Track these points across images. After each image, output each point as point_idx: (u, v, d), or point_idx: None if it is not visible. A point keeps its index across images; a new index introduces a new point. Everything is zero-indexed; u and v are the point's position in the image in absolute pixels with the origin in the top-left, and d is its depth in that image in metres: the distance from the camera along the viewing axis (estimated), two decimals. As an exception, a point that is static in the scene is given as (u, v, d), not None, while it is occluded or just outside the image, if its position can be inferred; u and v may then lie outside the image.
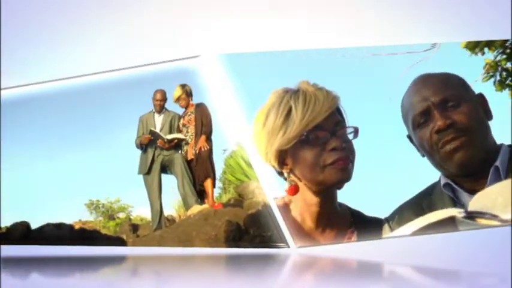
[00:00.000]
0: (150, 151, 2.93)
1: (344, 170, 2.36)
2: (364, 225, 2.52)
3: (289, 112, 2.36)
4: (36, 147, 3.00)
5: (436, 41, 2.47)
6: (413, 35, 2.70)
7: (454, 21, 2.75)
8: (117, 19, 3.08)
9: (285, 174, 2.47)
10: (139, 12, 3.12)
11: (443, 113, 2.32)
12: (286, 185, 2.55)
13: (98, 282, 2.19)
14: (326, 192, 2.44)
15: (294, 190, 2.50)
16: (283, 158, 2.42)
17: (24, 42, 3.10)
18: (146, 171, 2.90)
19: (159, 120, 2.96)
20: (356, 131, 2.40)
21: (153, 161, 2.91)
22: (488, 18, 2.71)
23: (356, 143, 2.42)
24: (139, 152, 2.95)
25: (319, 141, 2.36)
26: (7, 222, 2.95)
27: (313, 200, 2.45)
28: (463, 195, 2.36)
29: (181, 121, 2.97)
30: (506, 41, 2.45)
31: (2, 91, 2.96)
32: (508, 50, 2.48)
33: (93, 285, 2.09)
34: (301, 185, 2.46)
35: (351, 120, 2.46)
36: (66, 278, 2.31)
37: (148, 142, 2.90)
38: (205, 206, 2.82)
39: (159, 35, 3.05)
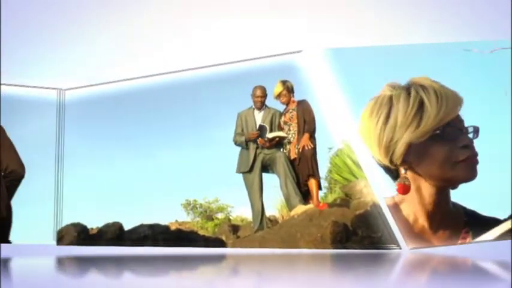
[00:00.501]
0: (252, 148, 3.00)
1: (474, 168, 2.43)
2: (479, 226, 2.56)
3: (420, 106, 2.44)
4: (128, 145, 3.10)
5: (436, 41, 2.58)
6: (414, 35, 2.80)
7: (454, 21, 2.85)
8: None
9: (402, 172, 2.53)
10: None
11: None
12: (395, 185, 2.61)
13: (198, 281, 2.23)
14: (444, 191, 2.49)
15: (405, 189, 2.55)
16: (407, 154, 2.49)
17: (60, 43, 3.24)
18: (248, 169, 2.96)
19: (259, 117, 3.03)
20: (476, 131, 2.47)
21: (254, 159, 2.98)
22: (488, 18, 2.80)
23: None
24: (236, 149, 3.03)
25: (451, 137, 2.44)
26: (100, 222, 3.06)
27: (430, 198, 2.49)
28: None
29: (283, 118, 3.03)
30: None
31: (95, 87, 3.09)
32: None
33: (194, 284, 2.13)
34: (417, 183, 2.51)
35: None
36: (164, 277, 2.36)
37: (255, 138, 2.97)
38: (310, 206, 2.87)
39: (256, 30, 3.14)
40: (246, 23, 2.99)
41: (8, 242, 2.92)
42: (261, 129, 2.89)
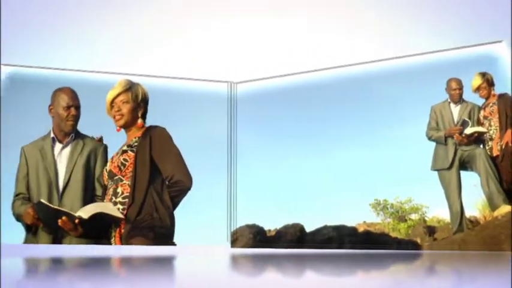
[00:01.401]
0: (451, 144, 2.87)
1: None
2: None
3: None
4: (305, 142, 3.07)
5: (436, 40, 2.51)
6: (414, 35, 2.79)
7: (454, 21, 2.80)
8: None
9: None
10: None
11: None
12: None
13: (385, 280, 2.13)
14: None
15: None
16: None
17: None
18: (448, 166, 2.84)
19: (455, 111, 2.90)
20: None
21: (454, 155, 2.84)
22: (488, 18, 2.75)
23: None
24: (426, 145, 2.91)
25: None
26: (277, 224, 3.04)
27: None
28: None
29: (482, 113, 2.88)
30: None
31: (266, 81, 3.09)
32: None
33: (381, 283, 2.04)
34: None
35: None
36: (350, 277, 2.27)
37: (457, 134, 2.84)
38: (517, 206, 2.68)
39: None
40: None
41: (173, 244, 2.97)
42: (463, 124, 2.75)
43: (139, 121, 3.04)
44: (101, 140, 3.14)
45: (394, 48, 2.73)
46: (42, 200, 2.92)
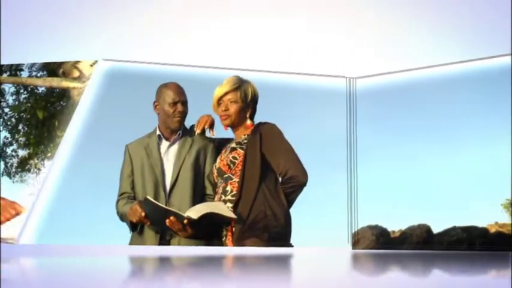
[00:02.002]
0: None
1: None
2: None
3: None
4: (430, 140, 2.95)
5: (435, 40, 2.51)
6: (414, 35, 2.79)
7: (454, 21, 2.81)
8: None
9: None
10: None
11: None
12: None
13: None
14: None
15: None
16: None
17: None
18: None
19: None
20: None
21: None
22: (488, 18, 2.76)
23: None
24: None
25: None
26: (402, 225, 2.92)
27: None
28: None
29: None
30: None
31: (386, 76, 2.99)
32: None
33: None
34: None
35: None
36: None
37: None
38: None
39: None
40: None
41: (290, 245, 2.87)
42: None
43: (248, 122, 2.95)
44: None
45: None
46: (149, 197, 2.84)
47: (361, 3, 3.01)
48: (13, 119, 3.17)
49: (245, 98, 2.94)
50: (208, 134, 2.99)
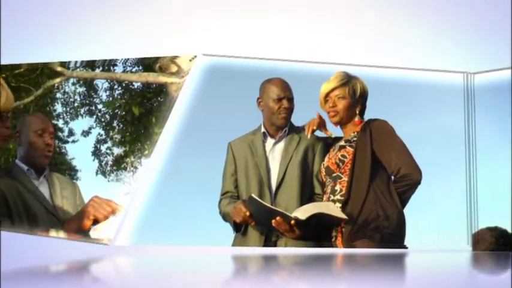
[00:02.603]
0: None
1: None
2: None
3: None
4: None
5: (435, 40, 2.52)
6: (414, 35, 2.79)
7: (454, 21, 2.81)
8: None
9: None
10: None
11: None
12: None
13: None
14: None
15: None
16: None
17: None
18: None
19: None
20: None
21: None
22: (488, 18, 2.76)
23: None
24: None
25: None
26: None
27: None
28: None
29: None
30: None
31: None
32: None
33: None
34: None
35: None
36: None
37: None
38: None
39: None
40: None
41: (404, 247, 2.79)
42: None
43: (357, 118, 2.87)
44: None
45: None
46: (254, 195, 2.76)
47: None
48: (107, 116, 3.11)
49: (353, 93, 2.86)
50: (323, 135, 2.91)
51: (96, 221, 2.76)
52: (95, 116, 3.13)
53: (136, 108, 3.05)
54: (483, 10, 2.92)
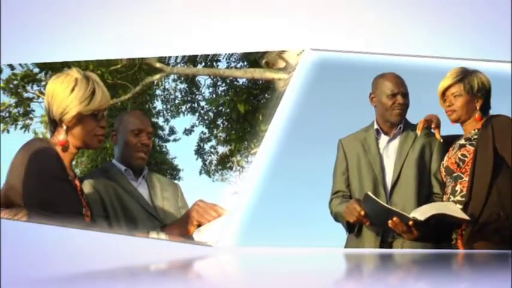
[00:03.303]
0: None
1: None
2: None
3: None
4: None
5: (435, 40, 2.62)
6: (413, 35, 2.83)
7: (454, 21, 2.84)
8: None
9: None
10: None
11: None
12: None
13: None
14: None
15: None
16: None
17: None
18: None
19: None
20: None
21: None
22: (488, 18, 2.79)
23: None
24: None
25: None
26: None
27: None
28: None
29: None
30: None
31: None
32: None
33: None
34: None
35: None
36: None
37: None
38: None
39: None
40: None
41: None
42: None
43: (477, 115, 2.77)
44: None
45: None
46: (370, 193, 2.69)
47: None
48: (210, 113, 3.08)
49: (471, 89, 2.77)
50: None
51: (200, 226, 2.70)
52: (197, 114, 3.10)
53: (241, 106, 3.00)
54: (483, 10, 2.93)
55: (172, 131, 3.13)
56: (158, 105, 3.14)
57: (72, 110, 2.56)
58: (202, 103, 3.11)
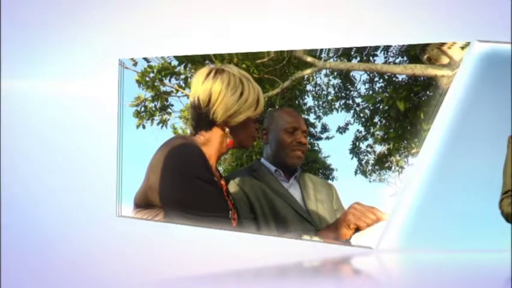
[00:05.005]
0: None
1: None
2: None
3: None
4: None
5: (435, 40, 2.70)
6: (413, 35, 2.85)
7: (453, 21, 2.87)
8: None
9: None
10: None
11: None
12: None
13: None
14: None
15: None
16: None
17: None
18: None
19: None
20: None
21: None
22: (488, 18, 2.83)
23: None
24: None
25: None
26: None
27: None
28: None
29: None
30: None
31: None
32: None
33: None
34: None
35: None
36: None
37: None
38: None
39: None
40: None
41: None
42: None
43: None
44: None
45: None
46: None
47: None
48: (367, 111, 3.04)
49: None
50: None
51: (357, 230, 2.68)
52: (352, 111, 3.07)
53: (401, 103, 2.96)
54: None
55: (324, 129, 3.13)
56: (309, 101, 3.15)
57: (243, 114, 2.60)
58: (358, 100, 3.09)
